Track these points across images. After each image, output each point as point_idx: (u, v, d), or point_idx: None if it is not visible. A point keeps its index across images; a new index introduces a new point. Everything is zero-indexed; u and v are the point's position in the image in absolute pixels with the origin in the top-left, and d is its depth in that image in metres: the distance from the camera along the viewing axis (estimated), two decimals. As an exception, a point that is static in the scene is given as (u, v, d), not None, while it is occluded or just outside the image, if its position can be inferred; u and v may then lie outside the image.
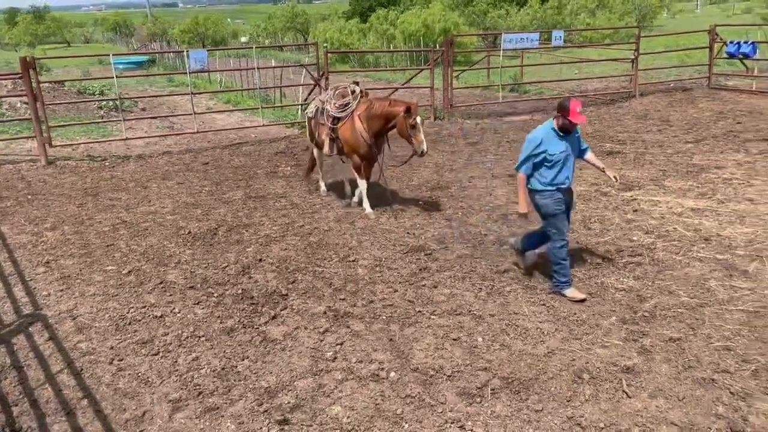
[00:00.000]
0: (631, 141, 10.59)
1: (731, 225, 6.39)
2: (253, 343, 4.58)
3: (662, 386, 3.82)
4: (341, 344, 4.51)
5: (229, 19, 72.14)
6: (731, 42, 15.17)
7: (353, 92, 7.44)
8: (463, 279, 5.52)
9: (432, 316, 4.86)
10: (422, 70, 14.54)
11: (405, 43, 27.43)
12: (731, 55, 15.19)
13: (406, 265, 5.86)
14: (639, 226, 6.56)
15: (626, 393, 3.77)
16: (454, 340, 4.50)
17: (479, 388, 3.92)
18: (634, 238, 6.21)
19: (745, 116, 11.98)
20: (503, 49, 14.27)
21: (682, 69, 17.28)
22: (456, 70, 15.90)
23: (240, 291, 5.43)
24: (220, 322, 4.89)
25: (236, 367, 4.27)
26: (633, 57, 14.85)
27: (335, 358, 4.33)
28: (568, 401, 3.74)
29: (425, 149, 6.77)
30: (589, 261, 5.74)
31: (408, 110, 6.62)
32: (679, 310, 4.77)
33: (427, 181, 8.74)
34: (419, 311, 4.95)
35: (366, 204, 7.45)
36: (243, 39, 49.15)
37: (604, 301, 4.97)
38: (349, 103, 7.34)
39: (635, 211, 7.03)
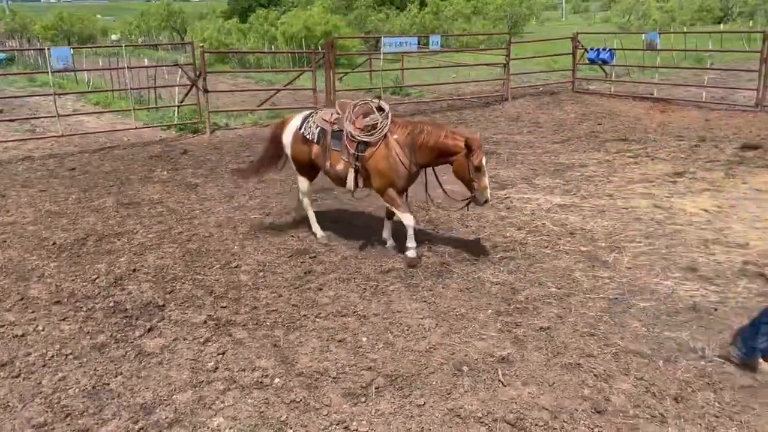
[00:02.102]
0: (505, 142, 11.14)
1: (593, 219, 6.90)
2: (127, 358, 4.34)
3: (534, 373, 4.05)
4: (223, 353, 4.38)
5: (98, 16, 67.94)
6: (592, 49, 16.38)
7: (381, 110, 5.85)
8: (347, 280, 5.55)
9: (317, 319, 4.84)
10: (304, 71, 14.48)
11: (287, 45, 27.17)
12: (592, 61, 16.40)
13: (290, 269, 5.80)
14: (512, 222, 6.91)
15: (502, 382, 3.96)
16: (339, 341, 4.51)
17: (364, 387, 3.95)
18: (508, 234, 6.54)
19: (605, 118, 12.98)
20: (383, 53, 14.54)
21: (549, 74, 18.42)
22: (339, 73, 15.97)
23: (112, 304, 5.13)
24: (90, 338, 4.59)
25: (108, 384, 4.02)
26: (505, 62, 15.64)
27: (217, 368, 4.21)
28: (448, 394, 3.87)
29: (489, 198, 5.58)
30: (467, 257, 5.97)
31: (470, 147, 5.31)
32: (548, 300, 5.08)
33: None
34: (304, 315, 4.92)
35: (411, 242, 5.85)
36: (113, 37, 46.47)
37: (481, 295, 5.19)
38: (377, 124, 5.76)
39: (508, 208, 7.41)
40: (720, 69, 17.31)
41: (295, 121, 6.36)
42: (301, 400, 3.83)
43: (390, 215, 6.18)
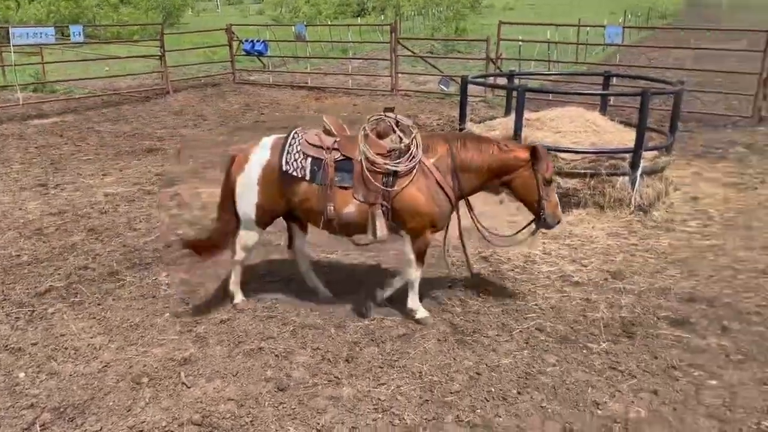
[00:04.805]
0: (170, 137, 10.77)
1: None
2: None
3: (218, 368, 4.05)
4: None
5: None
6: (246, 40, 16.78)
7: (405, 128, 4.34)
8: (-7, 311, 4.77)
9: (-45, 365, 4.06)
10: None
11: None
12: (248, 53, 16.82)
13: None
14: (184, 219, 6.74)
15: (185, 384, 3.87)
16: (-11, 384, 3.87)
17: (26, 429, 3.47)
18: (181, 232, 6.36)
19: (268, 107, 13.48)
20: (14, 45, 12.70)
21: (210, 65, 18.31)
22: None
23: None
24: None
25: None
26: (160, 54, 15.03)
27: None
28: (128, 411, 3.63)
29: (561, 218, 4.53)
30: (138, 263, 5.64)
31: (536, 157, 4.23)
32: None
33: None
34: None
35: (416, 302, 4.61)
36: None
37: (157, 300, 4.97)
38: (410, 146, 4.27)
39: (179, 204, 7.20)
40: (361, 58, 19.35)
41: (259, 154, 4.43)
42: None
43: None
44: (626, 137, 6.84)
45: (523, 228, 4.63)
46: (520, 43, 14.70)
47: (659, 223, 6.46)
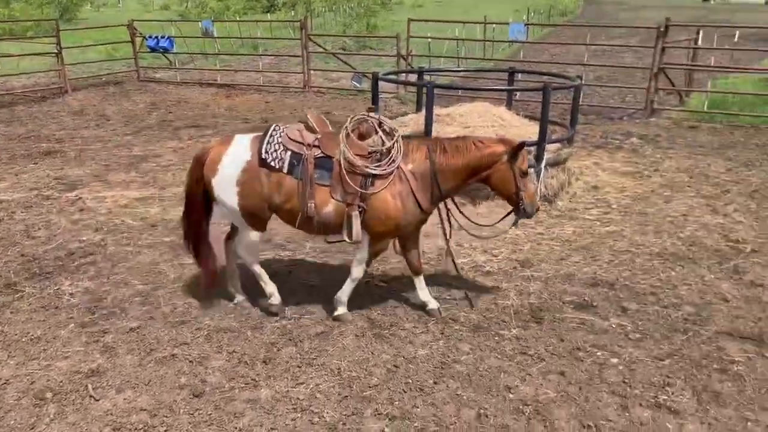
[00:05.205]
0: (70, 138, 10.23)
1: (174, 208, 6.89)
2: None
3: (128, 378, 3.90)
4: None
5: None
6: (150, 36, 16.14)
7: (389, 130, 4.30)
8: None
9: None
10: None
11: None
12: (152, 49, 16.17)
13: None
14: (87, 225, 6.43)
15: (93, 397, 3.70)
16: None
17: None
18: (84, 238, 6.07)
19: (175, 106, 13.04)
20: None
21: (112, 62, 17.49)
22: None
23: None
24: None
25: None
26: (56, 51, 14.21)
27: None
28: (32, 429, 3.44)
29: (539, 206, 4.69)
30: (38, 272, 5.34)
31: (514, 150, 4.19)
32: (136, 299, 4.91)
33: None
34: None
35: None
36: None
37: (59, 311, 4.72)
38: (390, 150, 4.23)
39: (81, 210, 6.86)
40: (272, 55, 19.07)
41: (237, 145, 4.30)
42: None
43: (416, 270, 4.71)
44: (531, 131, 7.11)
45: (503, 218, 4.66)
46: (429, 40, 14.96)
47: (563, 212, 6.78)
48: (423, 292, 4.71)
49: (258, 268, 4.63)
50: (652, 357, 4.15)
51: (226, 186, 4.25)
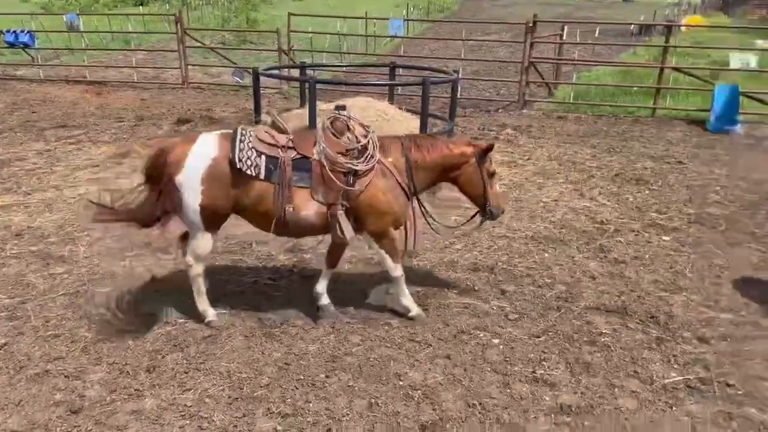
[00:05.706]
0: None
1: (41, 215, 6.45)
2: None
3: (-4, 399, 3.62)
4: None
5: None
6: (8, 31, 14.91)
7: (361, 126, 4.28)
8: None
9: None
10: None
11: None
12: (11, 45, 14.96)
13: None
14: (-59, 237, 5.87)
15: (-45, 424, 3.40)
16: None
17: None
18: (-63, 253, 5.53)
19: (40, 105, 12.13)
20: None
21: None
22: None
23: None
24: None
25: None
26: None
27: None
28: None
29: (505, 208, 4.71)
30: None
31: (484, 151, 4.31)
32: (1, 314, 4.55)
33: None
34: None
35: (407, 300, 4.60)
36: None
37: None
38: (367, 145, 4.17)
39: (-67, 221, 6.24)
40: (147, 50, 18.18)
41: (202, 144, 4.06)
42: None
43: (333, 263, 4.63)
44: (413, 124, 7.31)
45: (469, 219, 4.75)
46: (311, 35, 14.91)
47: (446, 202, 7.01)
48: (321, 285, 4.66)
49: (200, 280, 4.37)
50: (530, 335, 4.42)
51: (191, 184, 4.00)
